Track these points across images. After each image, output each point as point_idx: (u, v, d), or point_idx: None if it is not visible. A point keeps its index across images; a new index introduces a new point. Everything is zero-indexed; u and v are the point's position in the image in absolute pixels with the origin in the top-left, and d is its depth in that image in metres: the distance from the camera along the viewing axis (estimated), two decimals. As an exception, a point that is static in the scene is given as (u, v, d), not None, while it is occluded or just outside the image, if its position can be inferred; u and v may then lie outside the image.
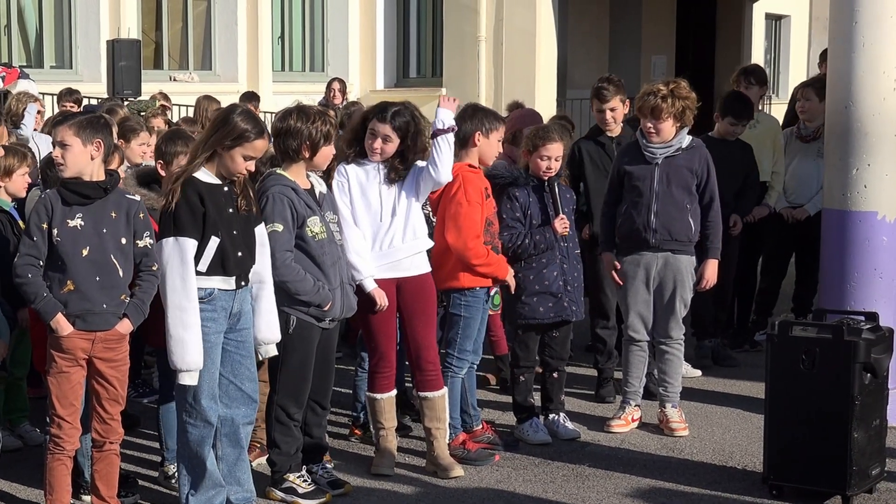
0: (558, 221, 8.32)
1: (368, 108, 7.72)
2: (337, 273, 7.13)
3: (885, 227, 8.44)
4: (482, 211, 7.89)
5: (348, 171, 7.50)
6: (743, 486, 7.51)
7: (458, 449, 7.95)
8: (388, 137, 7.45)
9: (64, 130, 6.35)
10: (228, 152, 6.48)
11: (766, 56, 31.16)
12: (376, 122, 7.47)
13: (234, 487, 6.79)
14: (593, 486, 7.55)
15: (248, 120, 6.54)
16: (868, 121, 8.36)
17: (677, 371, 8.74)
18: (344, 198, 7.45)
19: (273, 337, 6.85)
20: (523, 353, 8.45)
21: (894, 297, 8.53)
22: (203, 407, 6.55)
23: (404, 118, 7.48)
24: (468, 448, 7.99)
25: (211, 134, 6.53)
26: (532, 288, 8.30)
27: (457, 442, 7.99)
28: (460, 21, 22.41)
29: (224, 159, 6.50)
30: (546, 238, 8.29)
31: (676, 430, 8.57)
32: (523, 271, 8.29)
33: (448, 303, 7.97)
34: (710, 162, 8.61)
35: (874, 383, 7.12)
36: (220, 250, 6.46)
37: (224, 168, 6.52)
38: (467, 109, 8.21)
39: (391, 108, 7.49)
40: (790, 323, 7.31)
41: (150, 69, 20.65)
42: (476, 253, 7.81)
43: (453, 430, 8.00)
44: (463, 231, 7.78)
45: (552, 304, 8.33)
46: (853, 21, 8.35)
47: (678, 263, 8.55)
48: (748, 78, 11.28)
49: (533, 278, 8.31)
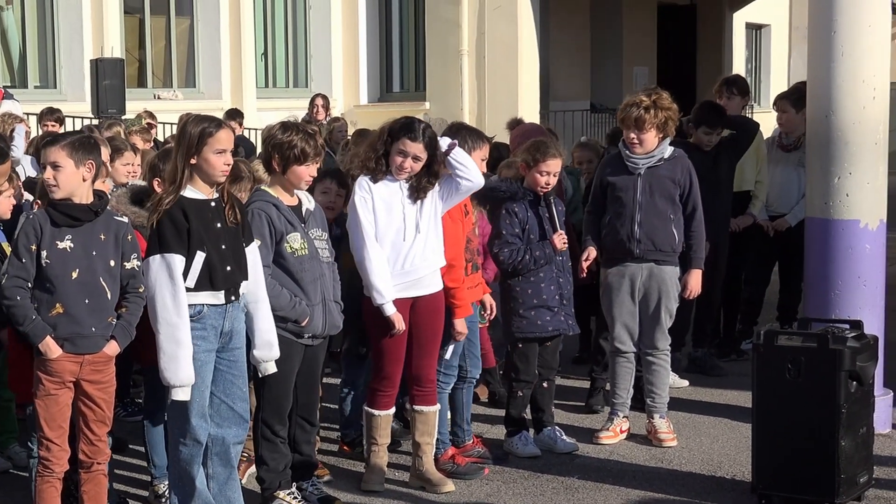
0: (557, 237, 8.34)
1: (391, 126, 7.52)
2: (318, 290, 7.11)
3: (867, 234, 8.49)
4: (463, 228, 7.90)
5: (372, 188, 7.41)
6: (732, 496, 7.53)
7: (447, 463, 7.96)
8: (418, 157, 7.39)
9: (57, 152, 6.31)
10: (200, 157, 6.45)
11: (747, 65, 31.29)
12: (407, 141, 7.37)
13: (224, 507, 6.80)
14: (583, 499, 7.57)
15: (200, 120, 6.53)
16: (848, 130, 8.41)
17: (664, 381, 8.77)
18: (367, 214, 7.37)
19: (272, 354, 6.84)
20: (524, 366, 8.43)
21: (878, 305, 8.60)
22: (193, 426, 6.54)
23: (431, 133, 7.45)
24: (457, 462, 8.00)
25: (177, 152, 6.52)
26: (530, 302, 8.30)
27: (446, 456, 8.00)
28: (442, 35, 22.45)
29: (202, 167, 6.47)
30: (546, 253, 8.31)
31: (665, 441, 8.60)
32: (521, 285, 8.30)
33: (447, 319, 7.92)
34: (693, 172, 8.66)
35: (860, 391, 7.16)
36: (207, 265, 6.45)
37: (206, 175, 6.50)
38: (451, 126, 8.21)
39: (419, 125, 7.42)
40: (775, 332, 7.33)
41: (134, 88, 20.67)
42: (456, 276, 7.78)
43: (443, 445, 8.01)
44: (446, 249, 7.73)
45: (549, 317, 8.35)
46: (832, 31, 8.40)
47: (662, 274, 8.58)
48: (730, 88, 11.31)
49: (531, 292, 8.31)
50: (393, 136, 7.43)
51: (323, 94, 19.77)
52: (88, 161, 6.33)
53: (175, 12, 22.09)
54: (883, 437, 8.42)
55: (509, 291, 8.33)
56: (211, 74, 22.07)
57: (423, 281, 7.56)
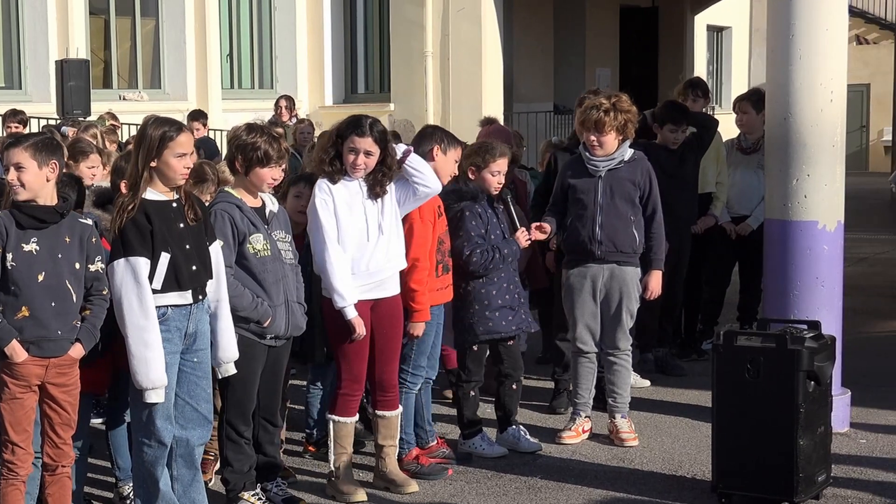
0: (521, 234, 8.40)
1: (339, 125, 7.57)
2: (281, 291, 7.14)
3: (825, 235, 8.58)
4: (435, 229, 7.93)
5: (332, 189, 7.42)
6: (692, 495, 7.59)
7: (411, 464, 7.99)
8: (370, 152, 7.39)
9: (20, 153, 6.30)
10: (161, 161, 6.47)
11: (709, 67, 31.41)
12: (356, 138, 7.38)
13: (189, 508, 6.82)
14: (546, 498, 7.62)
15: (161, 123, 6.55)
16: (806, 132, 8.50)
17: (626, 382, 8.84)
18: (329, 217, 7.37)
19: (230, 356, 6.87)
20: (476, 368, 8.47)
21: (836, 306, 8.68)
22: (158, 427, 6.55)
23: (380, 127, 7.47)
24: (421, 463, 8.03)
25: (137, 155, 6.52)
26: (496, 303, 8.32)
27: (410, 457, 8.03)
28: (407, 37, 22.46)
29: (162, 170, 6.49)
30: (513, 250, 8.36)
31: (626, 441, 8.66)
32: (486, 287, 8.31)
33: (406, 319, 7.94)
34: (653, 174, 8.73)
35: (818, 391, 7.21)
36: (173, 265, 6.47)
37: (166, 178, 6.51)
38: (426, 129, 8.27)
39: (365, 121, 7.43)
40: (735, 332, 7.40)
41: (99, 89, 20.59)
42: (419, 278, 7.81)
43: (407, 446, 8.04)
44: (412, 249, 7.79)
45: (512, 316, 8.40)
46: (790, 34, 8.48)
47: (624, 275, 8.65)
48: (695, 91, 11.39)
49: (496, 293, 8.33)
50: (341, 135, 7.45)
51: (287, 96, 19.78)
52: (52, 161, 6.34)
53: (140, 13, 22.03)
54: (841, 436, 8.50)
55: (471, 295, 8.33)
56: (176, 75, 22.02)
57: (386, 283, 7.59)
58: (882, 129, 35.94)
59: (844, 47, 8.68)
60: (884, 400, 9.64)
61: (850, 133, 34.21)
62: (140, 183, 6.48)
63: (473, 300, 8.32)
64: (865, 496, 7.51)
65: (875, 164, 36.51)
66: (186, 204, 6.61)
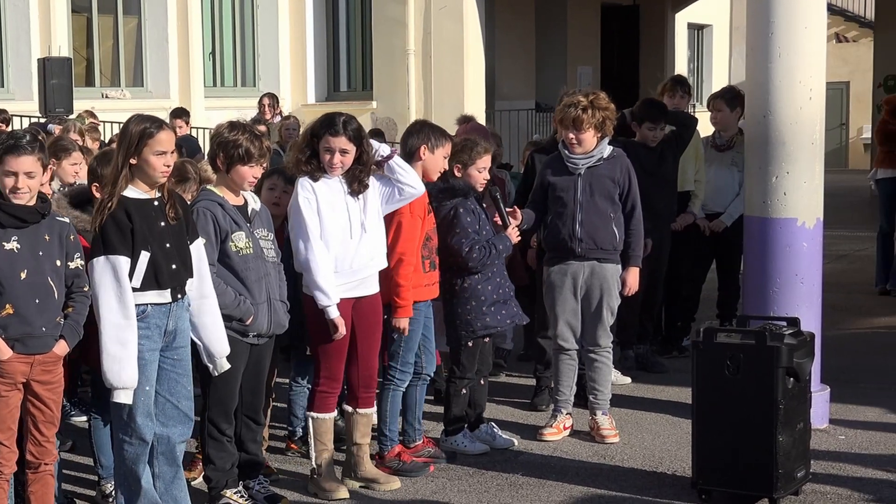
0: (513, 230, 8.46)
1: (314, 124, 7.58)
2: (263, 289, 7.16)
3: (804, 232, 8.61)
4: (423, 226, 7.95)
5: (315, 187, 7.41)
6: (673, 491, 7.62)
7: (393, 461, 8.00)
8: (345, 150, 7.39)
9: (32, 162, 6.28)
10: (141, 158, 6.47)
11: (689, 65, 31.51)
12: (330, 137, 7.38)
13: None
14: (527, 495, 7.64)
15: (142, 120, 6.55)
16: (786, 130, 8.53)
17: (607, 379, 8.87)
18: (312, 215, 7.36)
19: (223, 350, 6.88)
20: (470, 364, 8.46)
21: (815, 302, 8.72)
22: (138, 425, 6.56)
23: (354, 125, 7.46)
24: (403, 460, 8.04)
25: (118, 152, 6.53)
26: (491, 298, 8.34)
27: (392, 454, 8.04)
28: (389, 35, 22.48)
29: (141, 167, 6.48)
30: (507, 245, 8.42)
31: (607, 438, 8.70)
32: (481, 283, 8.32)
33: (390, 316, 7.96)
34: (632, 170, 8.77)
35: (797, 387, 7.24)
36: (152, 264, 6.47)
37: (146, 175, 6.51)
38: (415, 125, 8.27)
39: (339, 119, 7.42)
40: (714, 329, 7.44)
41: (81, 87, 20.58)
42: (405, 273, 7.83)
43: (389, 442, 8.06)
44: (399, 243, 7.81)
45: (505, 311, 8.43)
46: (769, 32, 8.51)
47: (604, 272, 8.69)
48: (683, 87, 11.41)
49: (490, 288, 8.35)
50: (316, 134, 7.46)
51: (270, 94, 19.80)
52: (50, 164, 6.39)
53: (123, 11, 22.03)
54: (820, 432, 8.54)
55: (467, 291, 8.31)
56: (159, 73, 22.02)
57: (367, 281, 7.61)
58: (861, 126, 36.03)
59: (823, 45, 8.70)
60: (863, 396, 9.69)
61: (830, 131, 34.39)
62: (120, 180, 6.49)
63: (470, 297, 8.31)
64: (844, 492, 7.54)
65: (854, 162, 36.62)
66: (168, 202, 6.62)
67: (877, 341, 12.16)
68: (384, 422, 8.06)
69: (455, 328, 8.40)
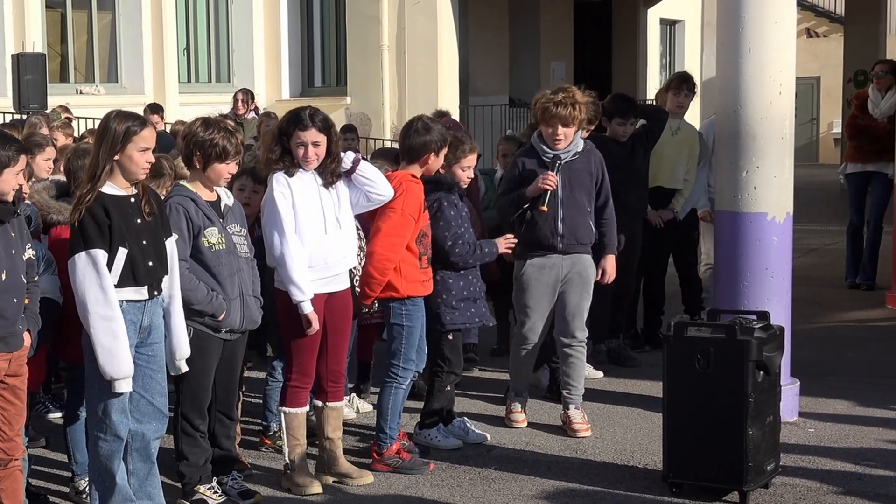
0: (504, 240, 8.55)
1: (280, 124, 7.60)
2: (236, 284, 7.19)
3: (774, 227, 8.66)
4: (417, 224, 7.96)
5: (290, 182, 7.43)
6: (644, 485, 7.66)
7: (392, 458, 8.01)
8: (317, 142, 7.42)
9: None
10: (124, 154, 6.50)
11: (662, 60, 31.61)
12: (299, 132, 7.40)
13: (144, 502, 6.82)
14: (499, 489, 7.68)
15: (125, 118, 6.57)
16: (756, 125, 8.57)
17: (581, 373, 8.92)
18: (288, 210, 7.37)
19: (183, 353, 6.89)
20: (455, 358, 8.49)
21: (785, 296, 8.77)
22: (113, 421, 6.58)
23: (321, 115, 7.50)
24: (403, 457, 8.04)
25: (99, 148, 6.54)
26: (461, 294, 8.37)
27: (391, 451, 8.04)
28: (363, 30, 22.48)
29: (124, 164, 6.52)
30: (492, 252, 8.52)
31: (579, 432, 8.74)
32: (453, 278, 8.34)
33: (389, 313, 8.02)
34: (604, 163, 8.88)
35: (767, 381, 7.29)
36: (130, 260, 6.49)
37: (128, 172, 6.54)
38: (418, 127, 8.11)
39: (306, 113, 7.46)
40: (685, 323, 7.48)
41: (56, 82, 20.53)
42: (382, 267, 7.85)
43: (389, 440, 8.06)
44: (383, 237, 7.84)
45: (474, 309, 8.45)
46: (739, 27, 8.55)
47: (583, 265, 8.78)
48: (689, 86, 11.39)
49: (462, 285, 8.38)
50: (285, 132, 7.47)
51: (245, 89, 19.80)
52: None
53: (97, 7, 21.96)
54: (790, 425, 8.60)
55: (438, 284, 8.30)
56: (133, 69, 21.97)
57: (340, 277, 7.64)
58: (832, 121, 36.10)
59: (793, 40, 8.75)
60: (832, 389, 9.76)
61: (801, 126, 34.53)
62: (101, 176, 6.50)
63: (441, 290, 8.32)
64: (814, 484, 7.60)
65: (825, 157, 36.73)
66: (143, 198, 6.64)
67: (846, 335, 12.23)
68: (384, 419, 8.06)
69: (431, 323, 8.39)
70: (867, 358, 11.17)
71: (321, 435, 7.84)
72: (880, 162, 14.10)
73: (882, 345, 11.74)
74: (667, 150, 10.91)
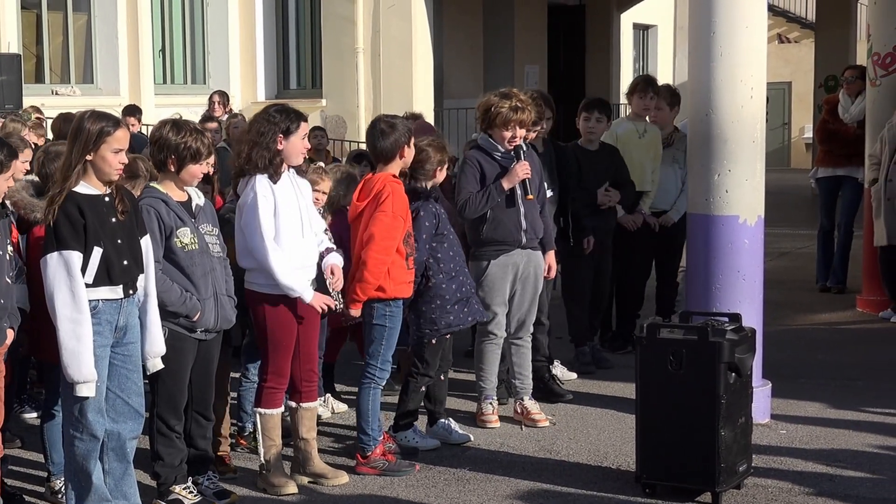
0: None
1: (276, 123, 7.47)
2: (209, 284, 7.21)
3: (746, 230, 8.71)
4: (405, 225, 8.02)
5: (273, 188, 7.44)
6: (617, 486, 7.70)
7: (378, 461, 8.03)
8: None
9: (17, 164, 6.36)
10: (97, 155, 6.50)
11: (635, 65, 31.68)
12: (303, 123, 7.53)
13: (120, 502, 6.83)
14: (474, 490, 7.71)
15: (99, 118, 6.58)
16: (727, 128, 8.63)
17: (529, 363, 9.16)
18: (269, 216, 7.39)
19: (158, 350, 6.90)
20: (433, 361, 8.52)
21: (757, 298, 8.83)
22: (90, 421, 6.57)
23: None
24: (388, 459, 8.07)
25: (72, 148, 6.54)
26: (455, 297, 8.43)
27: (376, 453, 8.06)
28: (338, 33, 22.50)
29: (97, 165, 6.52)
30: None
31: (538, 422, 8.90)
32: (446, 282, 8.40)
33: (372, 314, 8.06)
34: (541, 164, 9.13)
35: (739, 382, 7.34)
36: (105, 260, 6.49)
37: (101, 173, 6.55)
38: (383, 128, 8.10)
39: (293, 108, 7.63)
40: (658, 325, 7.51)
41: (31, 83, 20.49)
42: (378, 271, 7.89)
43: (373, 441, 8.08)
44: (378, 242, 7.87)
45: (468, 309, 8.53)
46: (711, 31, 8.60)
47: (538, 259, 9.01)
48: (655, 88, 11.42)
49: (455, 287, 8.44)
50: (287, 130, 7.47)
51: (221, 91, 19.78)
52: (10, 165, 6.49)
53: (72, 8, 21.89)
54: (761, 426, 8.66)
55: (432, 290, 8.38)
56: (109, 70, 21.93)
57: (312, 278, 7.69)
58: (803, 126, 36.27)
59: (764, 45, 8.81)
60: (803, 391, 9.82)
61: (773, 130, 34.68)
62: (72, 176, 6.51)
63: (434, 295, 8.38)
64: (785, 485, 7.66)
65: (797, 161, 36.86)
66: (117, 198, 6.65)
67: (817, 337, 12.31)
68: (365, 420, 8.09)
69: (419, 326, 8.46)
70: (838, 360, 11.25)
71: (296, 435, 7.87)
72: (850, 166, 14.18)
73: (852, 347, 11.82)
74: (635, 154, 10.98)
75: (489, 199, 8.71)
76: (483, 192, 8.72)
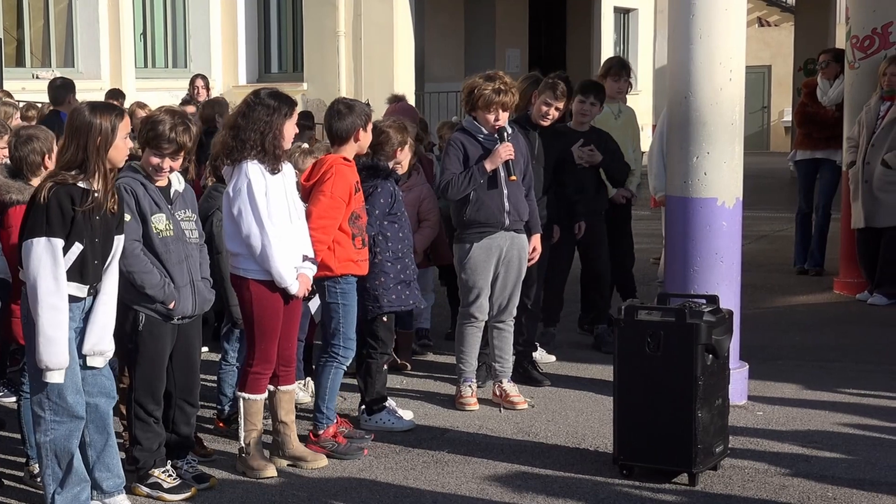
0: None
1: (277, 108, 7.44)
2: (185, 271, 7.18)
3: (724, 212, 8.74)
4: (348, 207, 8.00)
5: (266, 174, 7.43)
6: (594, 467, 7.73)
7: (328, 441, 8.03)
8: None
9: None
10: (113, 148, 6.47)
11: (616, 48, 31.72)
12: (295, 110, 7.52)
13: (104, 474, 6.78)
14: (452, 472, 7.73)
15: (103, 111, 6.53)
16: (706, 111, 8.64)
17: (511, 346, 9.17)
18: (263, 202, 7.38)
19: (103, 349, 6.70)
20: (388, 338, 8.58)
21: (734, 281, 8.86)
22: (70, 402, 6.51)
23: None
24: (338, 441, 8.07)
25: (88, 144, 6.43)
26: (398, 277, 8.47)
27: (327, 434, 8.07)
28: (320, 16, 22.51)
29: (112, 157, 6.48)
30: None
31: (517, 404, 8.93)
32: (391, 261, 8.45)
33: (324, 292, 8.06)
34: (528, 148, 9.14)
35: (716, 364, 7.36)
36: (81, 257, 6.46)
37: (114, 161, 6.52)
38: (340, 109, 8.11)
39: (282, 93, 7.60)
40: (636, 307, 7.54)
41: (12, 67, 20.47)
42: (315, 249, 7.81)
43: (326, 421, 8.09)
44: (314, 220, 7.85)
45: (409, 292, 8.56)
46: (690, 14, 8.62)
47: (522, 242, 9.01)
48: (628, 71, 11.59)
49: (400, 268, 8.48)
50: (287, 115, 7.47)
51: (202, 75, 19.71)
52: None
53: (53, -8, 21.96)
54: (738, 408, 8.69)
55: (377, 267, 8.40)
56: (90, 54, 21.91)
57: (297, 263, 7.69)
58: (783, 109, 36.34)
59: (743, 27, 8.82)
60: (780, 373, 9.87)
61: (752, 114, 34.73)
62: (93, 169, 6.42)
63: (379, 272, 8.41)
64: (762, 466, 7.70)
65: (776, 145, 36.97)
66: (109, 192, 6.59)
67: (795, 319, 12.34)
68: (322, 399, 8.11)
69: (363, 303, 8.43)
70: (815, 342, 11.29)
71: (274, 419, 7.88)
72: (829, 149, 14.22)
73: (829, 329, 11.85)
74: (614, 135, 10.96)
75: (471, 180, 8.72)
76: (465, 173, 8.73)
